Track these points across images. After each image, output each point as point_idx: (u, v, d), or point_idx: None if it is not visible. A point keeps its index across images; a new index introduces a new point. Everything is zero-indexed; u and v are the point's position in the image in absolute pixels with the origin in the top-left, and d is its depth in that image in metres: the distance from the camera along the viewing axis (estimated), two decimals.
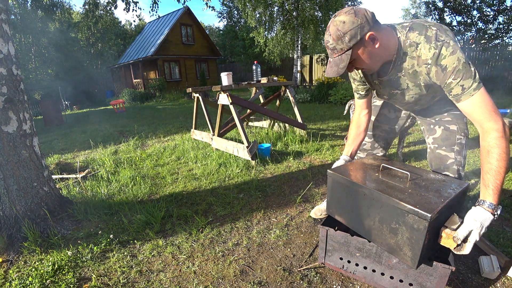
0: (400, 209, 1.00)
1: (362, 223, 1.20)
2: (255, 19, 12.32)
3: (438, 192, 1.07)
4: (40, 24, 17.05)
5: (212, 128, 3.90)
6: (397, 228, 1.04)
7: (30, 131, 1.93)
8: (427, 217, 0.92)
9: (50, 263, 1.61)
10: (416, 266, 1.02)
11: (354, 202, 1.21)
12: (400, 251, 1.06)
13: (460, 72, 1.00)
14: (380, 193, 1.08)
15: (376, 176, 1.23)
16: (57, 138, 5.77)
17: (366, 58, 1.09)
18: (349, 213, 1.27)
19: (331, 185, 1.33)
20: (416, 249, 0.99)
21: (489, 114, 1.00)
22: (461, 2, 8.05)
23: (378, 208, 1.10)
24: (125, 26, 31.69)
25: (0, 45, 1.73)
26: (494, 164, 0.99)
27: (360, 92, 1.45)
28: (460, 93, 1.03)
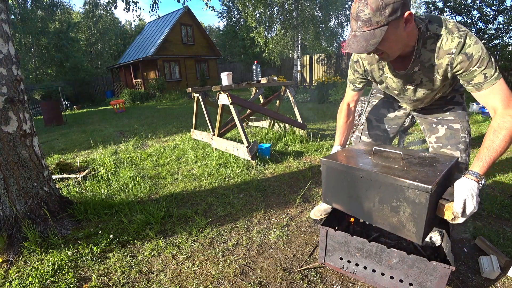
0: (400, 185, 1.00)
1: (361, 206, 1.19)
2: (255, 19, 12.32)
3: (432, 166, 1.10)
4: (40, 24, 17.04)
5: (212, 128, 3.90)
6: (398, 206, 1.04)
7: (30, 131, 1.93)
8: (428, 189, 0.93)
9: (50, 263, 1.61)
10: (421, 241, 1.03)
11: (351, 187, 1.19)
12: (403, 229, 1.06)
13: (485, 60, 1.01)
14: (377, 173, 1.07)
15: (369, 159, 1.24)
16: (57, 138, 5.77)
17: (393, 41, 1.02)
18: (347, 199, 1.25)
19: (325, 173, 1.30)
20: (420, 223, 0.99)
21: (507, 101, 1.02)
22: (461, 2, 8.04)
23: (377, 188, 1.09)
24: (125, 26, 31.70)
25: (0, 45, 1.73)
26: (496, 142, 1.02)
27: (357, 85, 1.45)
28: (482, 81, 1.04)
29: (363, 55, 1.32)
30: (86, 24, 22.83)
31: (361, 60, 1.34)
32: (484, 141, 1.06)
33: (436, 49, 1.08)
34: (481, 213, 1.90)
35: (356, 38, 1.00)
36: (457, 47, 1.03)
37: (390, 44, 1.03)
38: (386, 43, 1.01)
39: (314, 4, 11.71)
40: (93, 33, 23.37)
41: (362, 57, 1.33)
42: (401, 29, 1.00)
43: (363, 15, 0.95)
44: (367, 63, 1.32)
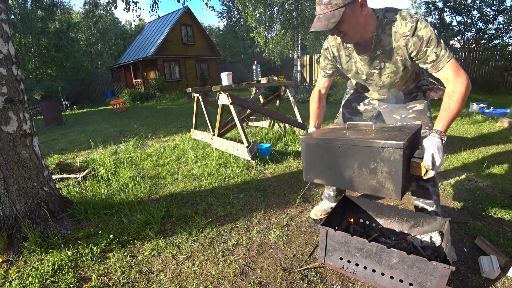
0: (376, 147, 1.09)
1: (342, 175, 1.25)
2: (255, 19, 12.32)
3: (400, 131, 1.22)
4: (40, 24, 17.03)
5: (212, 128, 3.90)
6: (376, 167, 1.12)
7: (30, 131, 1.93)
8: (401, 145, 1.03)
9: (50, 263, 1.61)
10: (400, 197, 1.10)
11: (331, 158, 1.25)
12: (383, 188, 1.14)
13: (434, 41, 1.18)
14: (354, 139, 1.16)
15: (344, 132, 1.32)
16: (57, 138, 5.77)
17: (352, 23, 1.19)
18: (327, 171, 1.30)
19: (305, 150, 1.34)
20: (397, 180, 1.08)
21: (459, 73, 1.20)
22: (461, 2, 8.05)
23: (355, 154, 1.16)
24: (125, 26, 31.70)
25: (0, 45, 1.73)
26: (452, 104, 1.19)
27: (327, 71, 1.59)
28: (435, 59, 1.20)
29: (332, 43, 1.46)
30: (86, 24, 22.84)
31: (330, 47, 1.48)
32: (442, 104, 1.22)
33: (393, 34, 1.25)
34: (481, 213, 1.90)
35: (320, 19, 1.17)
36: (410, 30, 1.20)
37: (350, 26, 1.19)
38: (345, 24, 1.18)
39: (314, 4, 11.71)
40: (93, 33, 23.38)
41: (332, 45, 1.47)
42: (357, 12, 1.17)
43: None
44: (336, 49, 1.47)
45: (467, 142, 3.47)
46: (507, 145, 3.25)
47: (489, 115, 4.80)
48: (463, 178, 2.45)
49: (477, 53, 9.67)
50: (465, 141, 3.52)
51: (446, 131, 1.18)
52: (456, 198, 2.13)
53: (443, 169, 2.68)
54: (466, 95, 1.19)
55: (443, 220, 1.48)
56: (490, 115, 4.79)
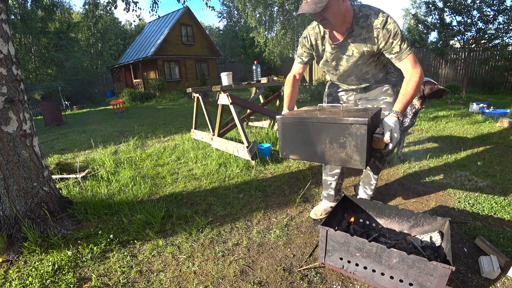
0: (345, 123, 1.24)
1: (315, 150, 1.38)
2: (255, 19, 12.32)
3: (364, 111, 1.37)
4: (40, 24, 17.03)
5: (212, 128, 3.90)
6: (345, 141, 1.28)
7: (30, 131, 1.93)
8: (365, 121, 1.19)
9: (50, 263, 1.61)
10: (365, 166, 1.26)
11: (305, 135, 1.38)
12: (351, 160, 1.29)
13: (399, 35, 1.38)
14: (326, 117, 1.30)
15: (316, 113, 1.44)
16: (57, 138, 5.77)
17: (335, 11, 1.35)
18: (302, 147, 1.42)
19: (281, 129, 1.45)
20: (362, 152, 1.24)
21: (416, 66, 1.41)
22: (461, 2, 8.02)
23: (327, 131, 1.31)
24: (125, 26, 31.70)
25: (0, 45, 1.73)
26: (409, 90, 1.39)
27: (304, 58, 1.72)
28: (399, 51, 1.40)
29: (311, 32, 1.60)
30: (86, 24, 22.83)
31: (309, 36, 1.62)
32: (400, 90, 1.43)
33: (366, 26, 1.43)
34: (481, 213, 1.90)
35: (308, 3, 1.31)
36: (381, 23, 1.39)
37: (333, 14, 1.35)
38: (329, 11, 1.33)
39: None
40: (93, 33, 23.37)
41: (310, 33, 1.61)
42: (340, 2, 1.34)
43: None
44: (313, 38, 1.61)
45: (467, 142, 3.47)
46: (507, 145, 3.25)
47: (489, 115, 4.80)
48: (463, 178, 2.45)
49: (477, 53, 9.66)
50: (465, 141, 3.52)
51: (403, 112, 1.40)
52: (456, 198, 2.13)
53: (443, 169, 2.68)
54: (420, 84, 1.41)
55: (443, 220, 1.48)
56: (490, 115, 4.79)
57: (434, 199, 2.14)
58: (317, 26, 1.57)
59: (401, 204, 2.11)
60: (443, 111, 5.62)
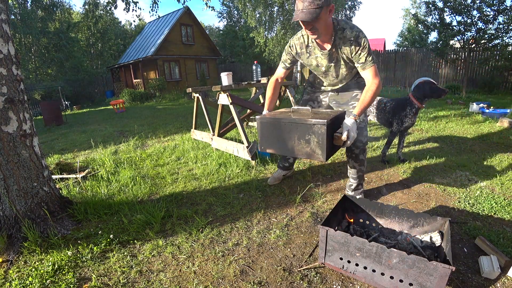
0: (309, 124, 1.48)
1: (286, 145, 1.62)
2: (255, 19, 12.31)
3: (328, 114, 1.60)
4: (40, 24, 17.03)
5: (212, 128, 3.90)
6: (310, 138, 1.52)
7: (30, 131, 1.93)
8: (325, 122, 1.43)
9: (50, 263, 1.61)
10: (325, 159, 1.51)
11: (279, 133, 1.63)
12: (314, 153, 1.53)
13: (366, 49, 1.64)
14: (295, 118, 1.54)
15: (289, 114, 1.67)
16: (57, 138, 5.77)
17: (323, 22, 1.55)
18: (276, 143, 1.67)
19: (260, 127, 1.70)
20: (323, 146, 1.49)
21: (376, 77, 1.67)
22: (461, 2, 8.02)
23: (295, 129, 1.55)
24: (125, 26, 31.70)
25: (0, 45, 1.73)
26: (367, 97, 1.64)
27: (287, 64, 1.97)
28: (364, 62, 1.67)
29: (297, 42, 1.84)
30: (86, 24, 22.83)
31: (294, 45, 1.85)
32: (360, 97, 1.68)
33: (342, 37, 1.67)
34: (481, 213, 1.90)
35: (303, 12, 1.49)
36: (354, 37, 1.64)
37: (322, 24, 1.56)
38: (320, 21, 1.53)
39: None
40: (93, 33, 23.37)
41: (296, 43, 1.84)
42: (327, 15, 1.55)
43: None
44: (299, 47, 1.84)
45: (467, 142, 3.47)
46: (507, 145, 3.25)
47: (489, 115, 4.81)
48: (463, 178, 2.45)
49: (477, 53, 9.67)
50: (465, 141, 3.52)
51: (360, 115, 1.63)
52: (456, 198, 2.13)
53: (443, 169, 2.68)
54: (377, 93, 1.66)
55: (443, 220, 1.48)
56: (490, 115, 4.79)
57: (434, 199, 2.14)
58: (302, 36, 1.81)
59: (401, 204, 2.11)
60: (443, 111, 5.62)
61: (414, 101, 2.63)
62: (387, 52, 12.84)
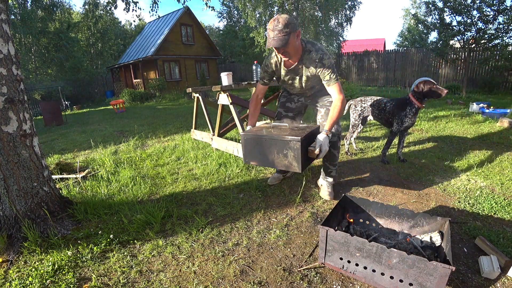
0: (286, 140, 1.67)
1: (267, 158, 1.80)
2: (255, 19, 12.31)
3: (303, 131, 1.80)
4: (40, 24, 17.02)
5: (212, 128, 3.90)
6: (287, 152, 1.70)
7: (30, 131, 1.93)
8: (299, 139, 1.62)
9: (50, 263, 1.61)
10: (301, 170, 1.69)
11: (260, 147, 1.81)
12: (291, 165, 1.72)
13: (330, 68, 1.89)
14: (274, 135, 1.73)
15: (270, 130, 1.88)
16: (57, 138, 5.78)
17: (292, 46, 1.79)
18: (259, 156, 1.85)
19: (244, 142, 1.87)
20: (298, 160, 1.67)
21: (340, 92, 1.90)
22: (461, 2, 8.02)
23: (275, 145, 1.74)
24: (125, 26, 31.69)
25: (0, 45, 1.73)
26: (334, 113, 1.86)
27: (265, 80, 2.18)
28: (329, 79, 1.90)
29: (273, 61, 2.06)
30: (86, 24, 22.83)
31: (270, 64, 2.08)
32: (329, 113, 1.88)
33: (309, 58, 1.92)
34: (481, 213, 1.90)
35: (275, 39, 1.73)
36: (319, 59, 1.90)
37: (291, 48, 1.80)
38: (289, 46, 1.77)
39: (314, 4, 11.70)
40: (93, 33, 23.37)
41: (271, 62, 2.07)
42: (295, 39, 1.79)
43: (278, 27, 1.71)
44: (274, 66, 2.08)
45: (467, 142, 3.47)
46: (507, 145, 3.25)
47: (489, 115, 4.81)
48: (463, 178, 2.45)
49: (477, 53, 9.67)
50: (465, 141, 3.52)
51: (330, 130, 1.84)
52: (456, 198, 2.13)
53: (443, 169, 2.68)
54: (342, 108, 1.89)
55: (443, 220, 1.48)
56: (490, 115, 4.79)
57: (434, 199, 2.14)
58: (275, 56, 2.02)
59: (401, 204, 2.11)
60: (443, 111, 5.62)
61: (414, 101, 2.63)
62: (387, 52, 12.84)
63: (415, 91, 2.61)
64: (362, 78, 13.69)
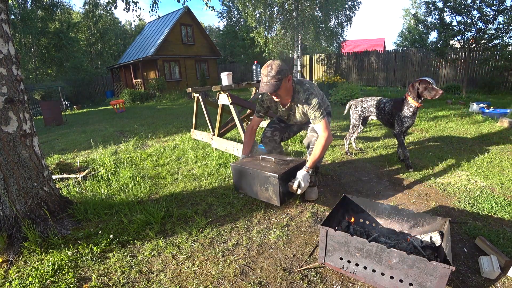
0: (266, 176, 1.82)
1: (252, 189, 1.97)
2: (255, 19, 12.31)
3: (286, 165, 1.94)
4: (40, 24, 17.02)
5: (212, 128, 3.90)
6: (268, 186, 1.84)
7: (30, 131, 1.93)
8: (277, 176, 1.76)
9: (50, 263, 1.61)
10: (279, 204, 1.85)
11: (246, 178, 1.98)
12: (271, 198, 1.86)
13: (316, 107, 1.96)
14: (256, 170, 1.88)
15: (257, 163, 2.04)
16: (57, 138, 5.78)
17: (284, 89, 1.93)
18: (245, 186, 2.02)
19: (233, 171, 2.08)
20: (277, 194, 1.81)
21: (325, 130, 1.96)
22: (461, 2, 8.02)
23: (257, 178, 1.89)
24: (125, 26, 31.68)
25: (0, 45, 1.73)
26: (317, 151, 1.92)
27: (261, 113, 2.31)
28: (314, 118, 1.99)
29: (268, 98, 2.19)
30: (86, 24, 22.82)
31: (265, 100, 2.22)
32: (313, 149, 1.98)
33: (297, 98, 2.04)
34: (481, 213, 1.90)
35: (268, 84, 1.86)
36: (305, 100, 2.00)
37: (283, 91, 1.94)
38: (281, 89, 1.92)
39: (314, 4, 11.69)
40: (93, 33, 23.37)
41: (266, 98, 2.21)
42: (287, 83, 1.93)
43: (271, 73, 1.85)
44: (268, 102, 2.22)
45: (467, 142, 3.47)
46: (507, 145, 3.25)
47: (489, 115, 4.81)
48: (463, 178, 2.45)
49: (477, 53, 9.66)
50: (465, 141, 3.52)
51: (312, 167, 1.90)
52: (456, 198, 2.13)
53: (443, 169, 2.68)
54: (326, 146, 1.94)
55: (443, 220, 1.48)
56: (490, 115, 4.79)
57: (434, 199, 2.14)
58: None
59: (401, 204, 2.11)
60: (443, 111, 5.62)
61: (410, 101, 2.61)
62: (387, 52, 12.84)
63: (411, 90, 2.59)
64: (362, 78, 13.69)
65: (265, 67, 1.88)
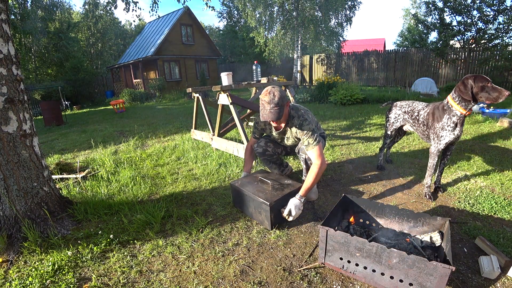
0: (259, 201, 1.85)
1: (248, 210, 2.02)
2: (255, 19, 12.31)
3: (281, 191, 1.97)
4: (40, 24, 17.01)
5: (212, 128, 3.90)
6: (261, 211, 1.88)
7: (30, 131, 1.93)
8: (268, 204, 1.78)
9: (50, 263, 1.61)
10: (271, 228, 1.86)
11: (242, 199, 2.05)
12: (264, 222, 1.89)
13: (309, 133, 1.97)
14: (251, 194, 1.93)
15: (256, 184, 2.09)
16: (57, 138, 5.77)
17: (284, 116, 1.99)
18: (242, 205, 2.08)
19: (232, 190, 2.16)
20: (268, 219, 1.84)
21: (317, 157, 1.93)
22: (461, 2, 8.02)
23: (252, 201, 1.94)
24: (125, 26, 31.68)
25: (0, 45, 1.73)
26: (309, 179, 1.88)
27: (257, 135, 2.38)
28: (307, 144, 1.98)
29: (262, 122, 2.23)
30: (86, 24, 22.81)
31: (260, 123, 2.27)
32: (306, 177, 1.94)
33: (292, 123, 2.05)
34: (481, 213, 1.90)
35: (272, 112, 1.87)
36: (299, 125, 2.02)
37: (284, 117, 2.00)
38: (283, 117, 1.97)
39: (314, 4, 11.69)
40: (93, 33, 23.35)
41: (261, 121, 2.24)
42: (286, 109, 1.98)
43: (274, 101, 1.86)
44: (263, 125, 2.27)
45: (467, 142, 3.47)
46: (507, 145, 3.25)
47: (489, 115, 4.80)
48: (463, 178, 2.45)
49: (477, 53, 9.66)
50: (465, 141, 3.52)
51: (304, 195, 1.86)
52: (456, 198, 2.13)
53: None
54: (319, 174, 1.90)
55: (443, 220, 1.48)
56: (490, 115, 4.78)
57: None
58: None
59: (401, 204, 2.11)
60: None
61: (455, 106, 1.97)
62: (387, 52, 12.84)
63: (461, 90, 1.87)
64: (362, 78, 13.69)
65: (267, 94, 1.88)
